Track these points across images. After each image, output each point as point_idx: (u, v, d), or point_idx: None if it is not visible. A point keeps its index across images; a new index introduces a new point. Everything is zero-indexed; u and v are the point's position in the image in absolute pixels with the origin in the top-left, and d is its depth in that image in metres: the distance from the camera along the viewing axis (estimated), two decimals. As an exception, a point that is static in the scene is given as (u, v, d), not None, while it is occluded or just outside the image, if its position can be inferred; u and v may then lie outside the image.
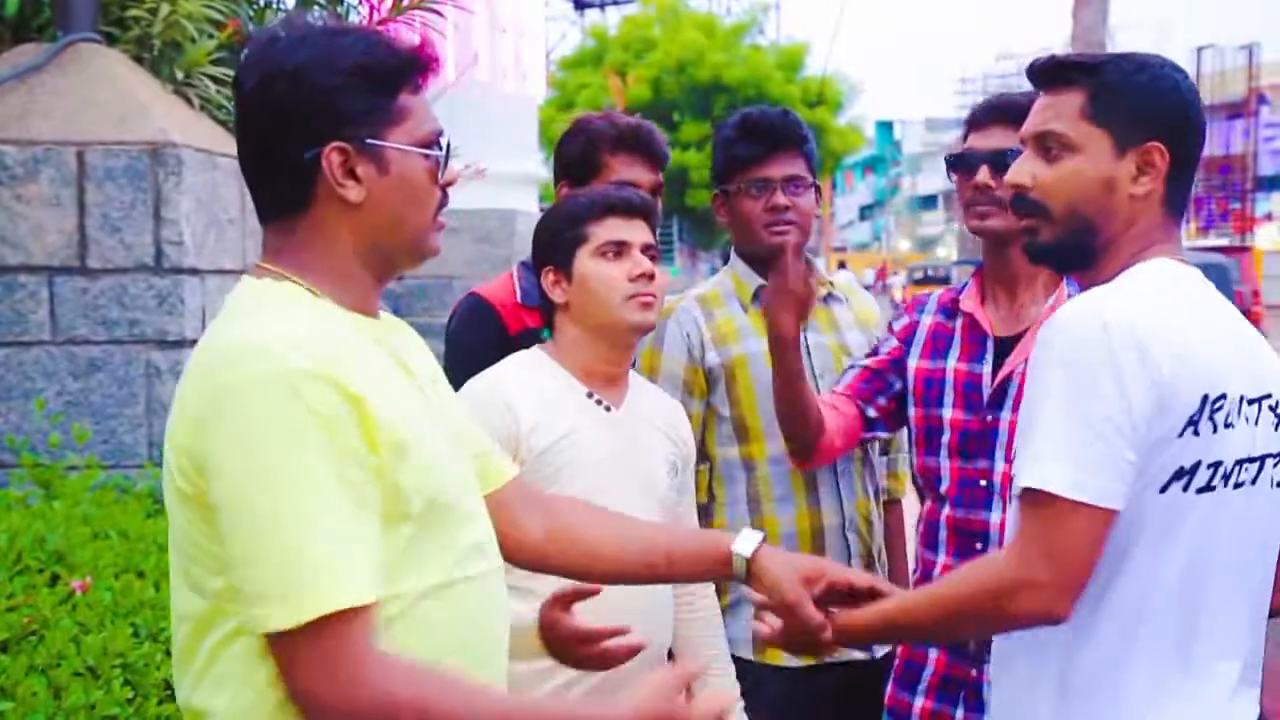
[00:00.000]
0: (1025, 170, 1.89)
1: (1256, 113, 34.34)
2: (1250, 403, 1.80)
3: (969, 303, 2.70)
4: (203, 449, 1.50)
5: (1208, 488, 1.75)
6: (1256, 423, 1.81)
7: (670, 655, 2.55)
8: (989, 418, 2.61)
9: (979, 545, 2.59)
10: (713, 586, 2.67)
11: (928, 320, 2.77)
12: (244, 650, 1.53)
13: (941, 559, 2.62)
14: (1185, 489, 1.74)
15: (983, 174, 2.62)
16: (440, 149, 1.66)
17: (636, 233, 2.46)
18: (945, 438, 2.66)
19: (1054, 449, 1.70)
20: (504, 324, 2.82)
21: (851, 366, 2.83)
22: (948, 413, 2.66)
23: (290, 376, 1.47)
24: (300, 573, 1.45)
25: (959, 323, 2.72)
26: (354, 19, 5.08)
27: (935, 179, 66.86)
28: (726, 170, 2.92)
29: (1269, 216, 49.64)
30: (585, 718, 1.70)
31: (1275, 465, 1.84)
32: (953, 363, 2.69)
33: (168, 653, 2.54)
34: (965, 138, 2.74)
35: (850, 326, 2.98)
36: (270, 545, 1.45)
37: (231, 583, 1.49)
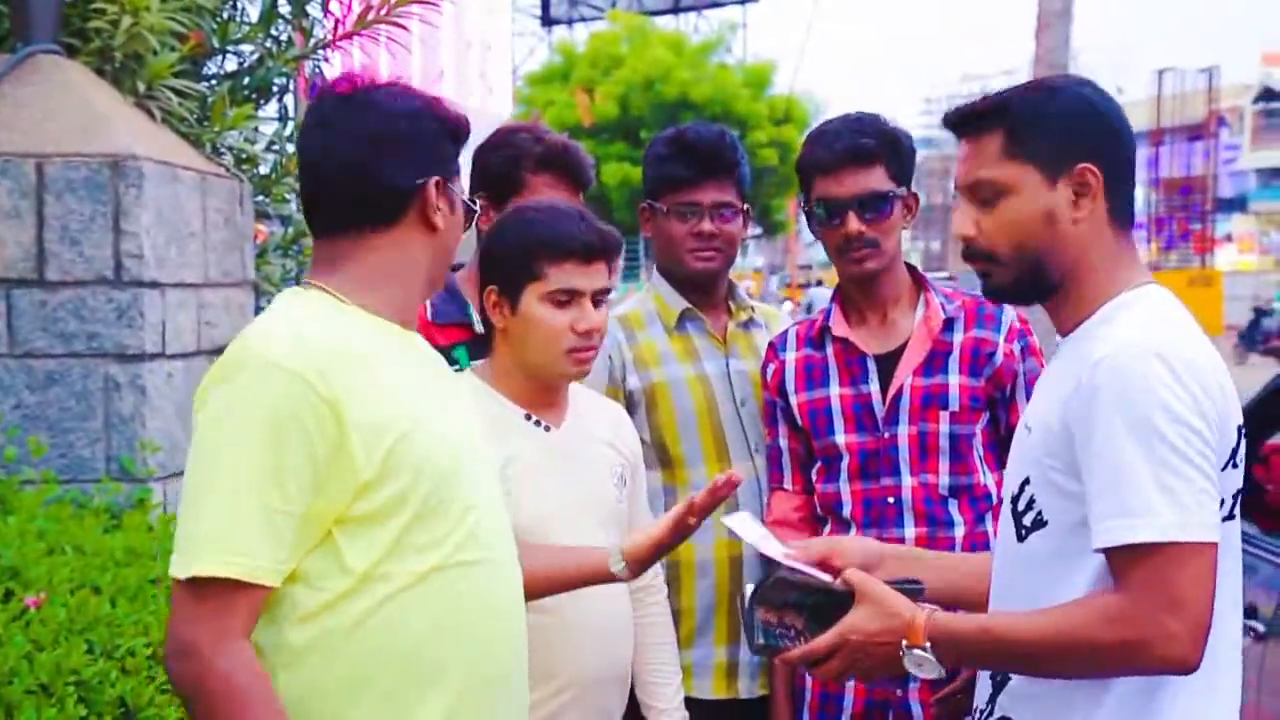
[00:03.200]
0: (967, 221, 1.88)
1: (1216, 135, 34.72)
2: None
3: (840, 328, 2.75)
4: (195, 418, 1.78)
5: (1230, 516, 1.77)
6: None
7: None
8: (886, 435, 2.65)
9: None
10: (663, 591, 2.67)
11: (792, 356, 2.80)
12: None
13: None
14: (1224, 520, 1.75)
15: (853, 223, 2.64)
16: (475, 206, 2.03)
17: (591, 279, 2.38)
18: (844, 462, 2.69)
19: (1148, 496, 1.65)
20: None
21: (775, 451, 2.83)
22: (841, 438, 2.70)
23: (269, 370, 1.72)
24: (199, 532, 1.70)
25: (830, 350, 2.75)
26: (319, 32, 5.07)
27: (900, 198, 67.03)
28: (655, 188, 2.89)
29: (1229, 238, 50.20)
30: None
31: (1236, 497, 1.85)
32: (835, 389, 2.73)
33: (123, 670, 2.52)
34: (811, 184, 2.73)
35: None
36: (192, 506, 1.72)
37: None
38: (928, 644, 1.80)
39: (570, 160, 2.90)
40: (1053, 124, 1.83)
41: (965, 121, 1.90)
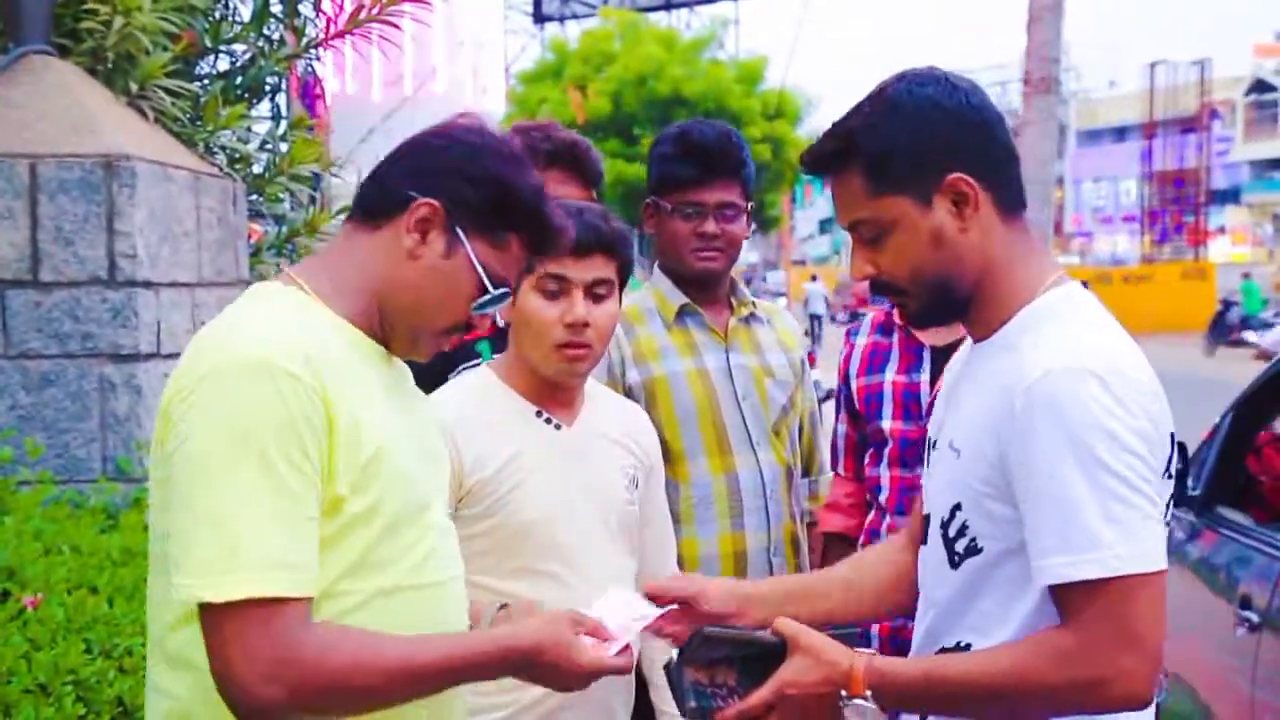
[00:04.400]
0: (862, 262, 1.80)
1: (1209, 127, 34.80)
2: None
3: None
4: (173, 426, 1.59)
5: (1164, 524, 1.69)
6: None
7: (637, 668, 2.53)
8: (927, 424, 2.65)
9: None
10: None
11: (863, 341, 2.86)
12: (194, 636, 1.58)
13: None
14: None
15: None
16: (497, 293, 1.76)
17: (585, 270, 2.33)
18: (887, 448, 2.72)
19: (1095, 529, 1.58)
20: None
21: (834, 436, 2.95)
22: (887, 423, 2.74)
23: (268, 368, 1.57)
24: (236, 550, 1.53)
25: (896, 337, 2.79)
26: (311, 32, 5.07)
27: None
28: (660, 186, 2.91)
29: (1222, 230, 50.29)
30: (485, 651, 1.70)
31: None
32: (890, 375, 2.77)
33: (121, 669, 2.52)
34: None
35: (772, 347, 2.98)
36: (214, 519, 1.54)
37: (172, 551, 1.57)
38: (868, 693, 1.71)
39: (579, 156, 2.92)
40: (904, 144, 1.72)
41: (820, 164, 1.80)
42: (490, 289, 1.75)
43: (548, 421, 2.38)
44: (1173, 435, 1.70)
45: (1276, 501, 4.08)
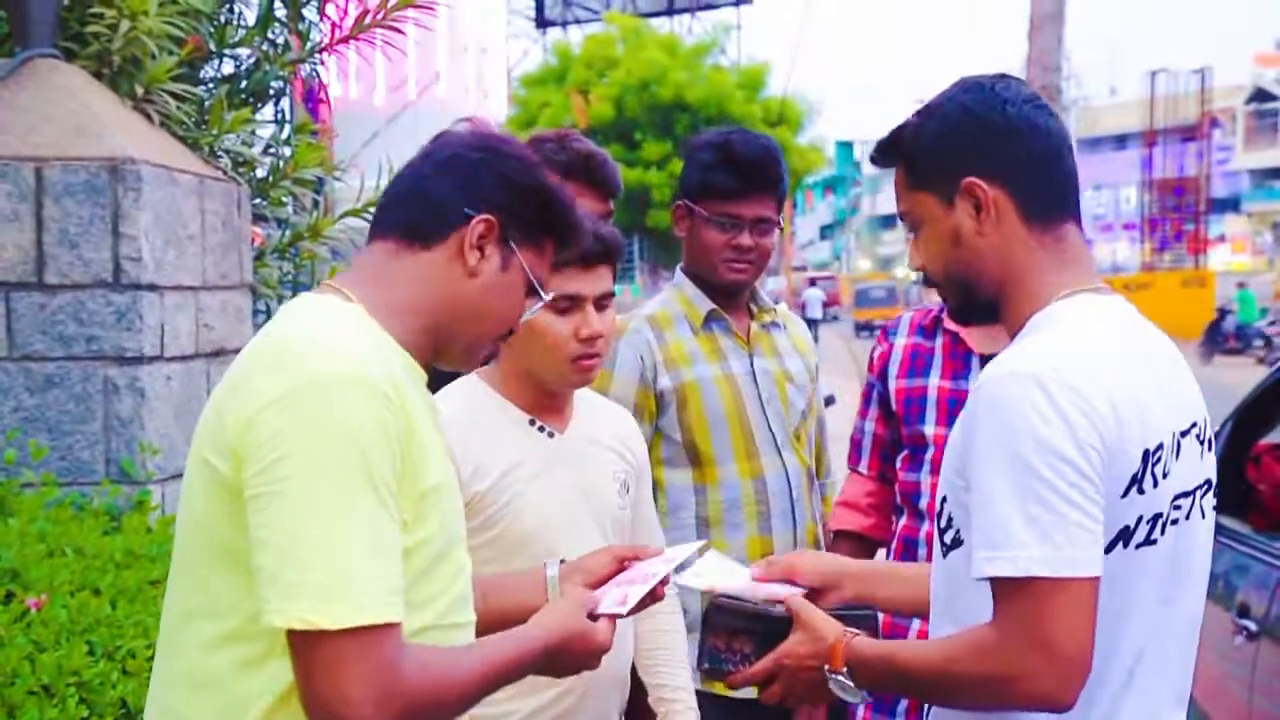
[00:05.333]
0: (912, 251, 1.90)
1: (1209, 136, 34.82)
2: (1183, 435, 1.76)
3: (951, 322, 2.75)
4: (262, 440, 1.51)
5: (1147, 541, 1.70)
6: (1186, 456, 1.77)
7: (634, 673, 2.54)
8: None
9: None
10: (677, 604, 2.66)
11: (902, 341, 2.83)
12: (232, 659, 1.56)
13: None
14: (1126, 546, 1.69)
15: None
16: (547, 298, 1.83)
17: (594, 283, 2.34)
18: (929, 454, 2.70)
19: (1013, 528, 1.62)
20: None
21: (859, 433, 2.93)
22: (930, 429, 2.72)
23: (370, 384, 1.53)
24: (350, 575, 1.48)
25: (940, 341, 2.78)
26: (316, 36, 5.09)
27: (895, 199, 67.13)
28: (698, 194, 2.90)
29: (1222, 238, 50.30)
30: (531, 650, 1.74)
31: (1204, 495, 1.81)
32: (935, 380, 2.75)
33: (124, 671, 2.53)
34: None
35: (790, 353, 3.01)
36: (324, 542, 1.48)
37: (267, 572, 1.49)
38: (844, 669, 1.82)
39: (594, 168, 2.91)
40: (933, 145, 1.83)
41: (880, 156, 1.94)
42: (541, 295, 1.80)
43: (541, 430, 2.39)
44: (1149, 453, 1.69)
45: (1275, 510, 4.09)
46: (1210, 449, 1.86)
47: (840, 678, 1.83)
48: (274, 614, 1.49)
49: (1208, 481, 1.83)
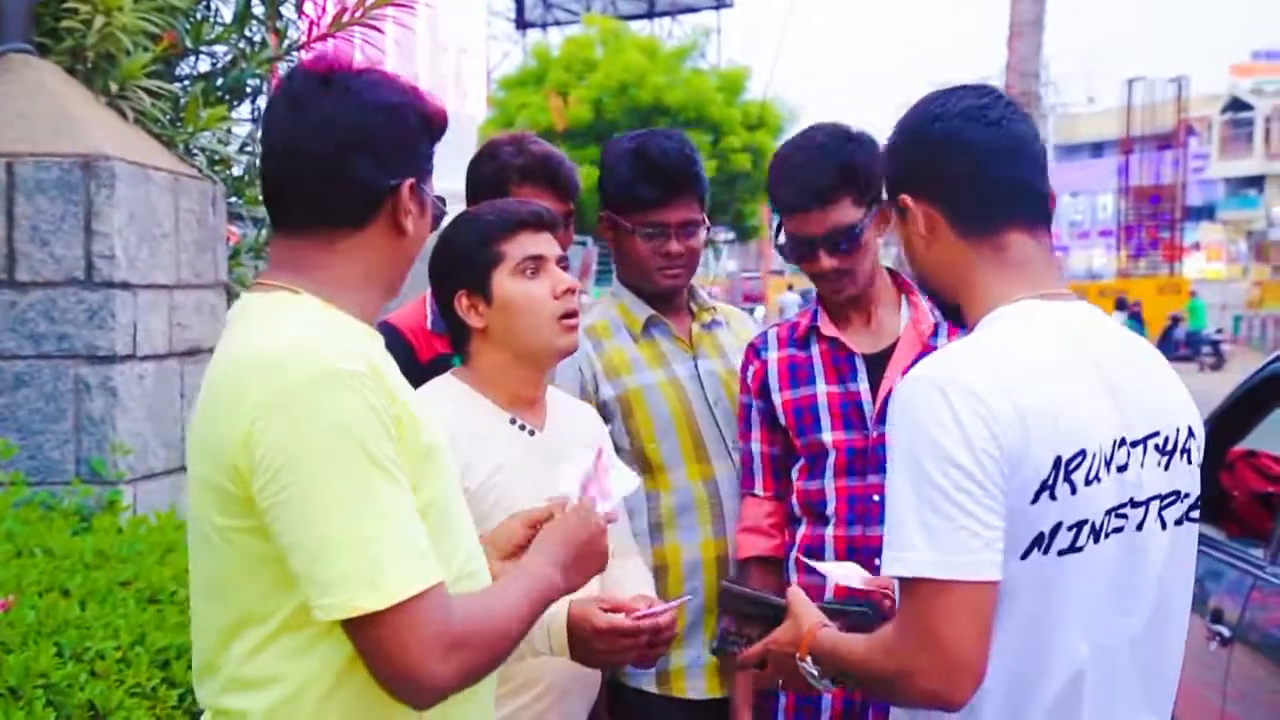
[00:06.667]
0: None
1: (1185, 144, 35.08)
2: (1133, 444, 1.76)
3: (829, 328, 2.77)
4: (262, 452, 1.58)
5: (1072, 549, 1.71)
6: (1142, 465, 1.77)
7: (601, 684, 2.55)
8: (875, 433, 2.67)
9: (877, 561, 2.64)
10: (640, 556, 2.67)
11: (775, 355, 2.83)
12: (282, 652, 1.64)
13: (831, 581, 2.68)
14: (1045, 553, 1.70)
15: (825, 260, 2.70)
16: (444, 206, 1.90)
17: (548, 246, 2.41)
18: (830, 459, 2.71)
19: (908, 530, 1.67)
20: (415, 351, 2.77)
21: (748, 456, 2.85)
22: (828, 435, 2.72)
23: (346, 376, 1.60)
24: (381, 555, 1.56)
25: (817, 349, 2.78)
26: (293, 34, 5.05)
27: (873, 204, 67.35)
28: (620, 206, 2.88)
29: (1197, 246, 50.65)
30: (547, 576, 1.85)
31: (1166, 506, 1.80)
32: (822, 387, 2.75)
33: (93, 673, 2.50)
34: (780, 217, 2.78)
35: (734, 350, 2.99)
36: (349, 534, 1.56)
37: (304, 574, 1.58)
38: (809, 657, 1.89)
39: (552, 169, 2.90)
40: (880, 164, 1.97)
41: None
42: (441, 208, 1.88)
43: (522, 428, 2.41)
44: (1061, 459, 1.69)
45: (1248, 517, 4.11)
46: (1185, 459, 1.84)
47: (806, 666, 1.90)
48: (321, 610, 1.57)
49: (1175, 493, 1.81)
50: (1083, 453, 1.70)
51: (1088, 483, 1.71)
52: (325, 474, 1.57)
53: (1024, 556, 1.69)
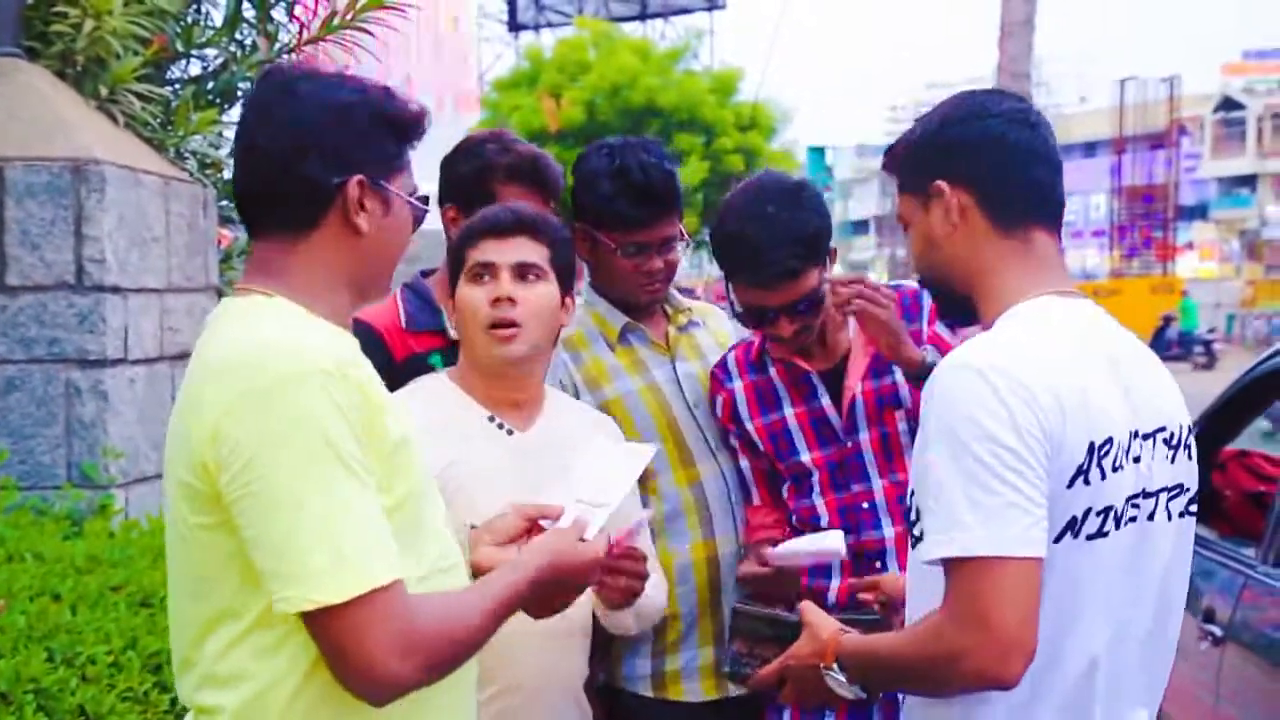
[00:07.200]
0: (908, 251, 2.03)
1: (1178, 144, 35.11)
2: (1144, 437, 1.80)
3: (779, 352, 2.77)
4: (228, 448, 1.60)
5: (1099, 534, 1.75)
6: (1152, 458, 1.81)
7: (586, 686, 2.52)
8: (849, 444, 2.70)
9: (878, 564, 2.66)
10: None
11: (739, 384, 2.84)
12: (253, 650, 1.65)
13: (835, 583, 2.70)
14: (1076, 536, 1.73)
15: (785, 327, 2.69)
16: (425, 205, 1.89)
17: (505, 252, 2.39)
18: (815, 478, 2.74)
19: (958, 511, 1.67)
20: (389, 350, 2.76)
21: (738, 472, 2.87)
22: (806, 455, 2.75)
23: (316, 375, 1.61)
24: (342, 549, 1.58)
25: (774, 373, 2.79)
26: (284, 37, 5.05)
27: (867, 204, 67.52)
28: (599, 221, 2.83)
29: (1190, 245, 50.74)
30: (512, 584, 1.80)
31: (1172, 499, 1.85)
32: (789, 410, 2.77)
33: (83, 678, 2.50)
34: (730, 279, 2.74)
35: (712, 349, 2.98)
36: (310, 528, 1.58)
37: (267, 568, 1.60)
38: (835, 664, 1.90)
39: (538, 170, 2.88)
40: (911, 150, 1.95)
41: (885, 162, 2.05)
42: (422, 208, 1.87)
43: (500, 427, 2.41)
44: (1095, 446, 1.73)
45: (1239, 516, 4.11)
46: (1188, 455, 1.89)
47: (833, 673, 1.90)
48: (282, 602, 1.58)
49: (1179, 486, 1.87)
50: (1110, 440, 1.75)
51: (1115, 469, 1.75)
52: (289, 469, 1.58)
53: (1057, 540, 1.72)
